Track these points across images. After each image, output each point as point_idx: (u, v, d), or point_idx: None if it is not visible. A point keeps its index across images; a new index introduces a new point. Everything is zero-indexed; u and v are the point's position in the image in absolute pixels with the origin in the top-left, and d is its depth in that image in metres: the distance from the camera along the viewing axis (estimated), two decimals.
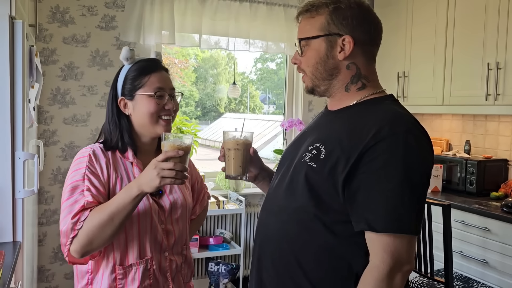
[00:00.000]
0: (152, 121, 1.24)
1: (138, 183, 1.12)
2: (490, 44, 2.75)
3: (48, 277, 3.08)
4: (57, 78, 3.02)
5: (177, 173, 1.09)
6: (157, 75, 1.26)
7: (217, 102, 6.96)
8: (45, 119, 3.02)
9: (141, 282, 1.21)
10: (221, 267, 3.17)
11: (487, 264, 2.45)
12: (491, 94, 2.72)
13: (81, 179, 1.18)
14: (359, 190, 0.97)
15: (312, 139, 1.09)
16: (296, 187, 1.05)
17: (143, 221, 1.22)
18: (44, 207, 3.05)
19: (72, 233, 1.12)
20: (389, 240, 0.94)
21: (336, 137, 1.03)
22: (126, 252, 1.21)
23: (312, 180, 1.02)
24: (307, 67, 1.10)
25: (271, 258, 1.09)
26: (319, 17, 1.07)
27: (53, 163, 3.05)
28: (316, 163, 1.02)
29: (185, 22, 3.22)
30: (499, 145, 3.07)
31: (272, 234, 1.09)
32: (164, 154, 1.11)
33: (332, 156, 1.00)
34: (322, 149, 1.03)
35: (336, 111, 1.12)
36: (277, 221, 1.09)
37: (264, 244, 1.12)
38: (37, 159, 1.84)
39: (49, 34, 2.98)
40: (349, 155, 0.98)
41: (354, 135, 1.00)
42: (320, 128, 1.13)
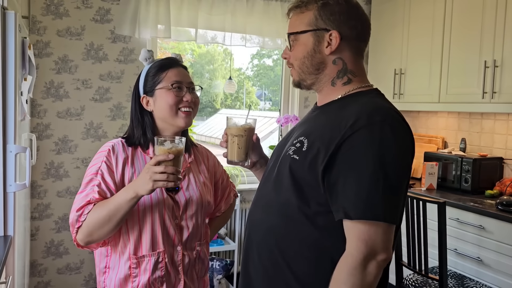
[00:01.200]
0: (172, 113, 1.30)
1: (134, 186, 1.18)
2: (487, 42, 2.74)
3: (40, 271, 3.05)
4: (50, 71, 2.99)
5: (169, 176, 1.14)
6: (174, 70, 1.33)
7: (213, 98, 6.93)
8: (38, 113, 2.98)
9: (151, 273, 1.27)
10: (215, 263, 3.16)
11: (482, 262, 2.45)
12: (488, 92, 2.72)
13: (95, 172, 1.27)
14: (337, 179, 0.99)
15: (298, 133, 1.12)
16: (282, 180, 1.07)
17: (155, 215, 1.27)
18: (37, 201, 3.02)
19: (77, 224, 1.22)
20: (364, 228, 0.95)
21: (319, 130, 1.06)
22: (140, 243, 1.27)
23: (294, 172, 1.04)
24: (295, 61, 1.12)
25: (257, 250, 1.11)
26: (308, 12, 1.09)
27: (46, 157, 3.02)
28: (298, 155, 1.05)
29: (181, 16, 3.19)
30: (494, 143, 3.07)
31: (259, 227, 1.12)
32: (154, 158, 1.16)
33: (313, 148, 1.03)
34: (305, 142, 1.06)
35: (322, 106, 1.14)
36: (263, 214, 1.12)
37: (252, 237, 1.14)
38: (29, 152, 1.81)
39: (43, 27, 2.94)
40: (328, 146, 1.00)
41: (334, 127, 1.02)
42: (307, 123, 1.16)
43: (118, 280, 1.29)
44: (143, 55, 1.35)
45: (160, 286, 1.29)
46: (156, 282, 1.29)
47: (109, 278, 1.31)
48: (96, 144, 3.11)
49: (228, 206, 1.58)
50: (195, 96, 1.35)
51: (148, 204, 1.27)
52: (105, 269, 1.32)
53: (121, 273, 1.28)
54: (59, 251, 3.09)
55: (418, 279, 2.36)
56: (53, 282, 3.09)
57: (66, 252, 3.11)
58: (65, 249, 3.11)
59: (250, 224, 1.17)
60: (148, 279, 1.27)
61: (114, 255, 1.31)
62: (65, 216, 3.08)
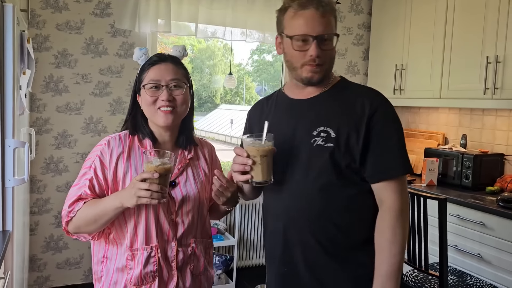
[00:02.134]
0: (151, 112, 1.30)
1: (121, 196, 1.20)
2: (489, 38, 2.72)
3: (40, 266, 3.05)
4: (50, 65, 2.97)
5: (153, 194, 1.15)
6: (155, 68, 1.31)
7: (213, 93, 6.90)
8: (37, 107, 2.97)
9: (143, 267, 1.28)
10: (214, 258, 3.16)
11: (482, 258, 2.44)
12: (489, 88, 2.70)
13: (89, 166, 1.29)
14: (375, 150, 1.21)
15: (305, 127, 1.25)
16: (321, 167, 1.22)
17: (150, 210, 1.28)
18: (36, 196, 3.01)
19: (66, 218, 1.28)
20: (398, 183, 1.22)
21: (336, 117, 1.23)
22: (136, 237, 1.29)
23: (333, 157, 1.21)
24: (328, 59, 1.24)
25: (312, 234, 1.24)
26: (332, 17, 1.23)
27: (46, 151, 3.01)
28: (331, 142, 1.21)
29: (181, 10, 3.16)
30: (495, 139, 3.06)
31: (306, 214, 1.24)
32: (140, 174, 1.17)
33: (343, 133, 1.21)
34: (329, 130, 1.22)
35: (311, 99, 1.28)
36: (307, 200, 1.24)
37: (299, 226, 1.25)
38: (27, 147, 1.80)
39: (42, 20, 2.92)
40: (357, 127, 1.21)
41: (352, 111, 1.22)
42: (304, 116, 1.27)
43: (116, 270, 1.30)
44: (136, 55, 1.35)
45: (152, 280, 1.29)
46: (148, 277, 1.29)
47: (106, 267, 1.32)
48: (96, 138, 3.10)
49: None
50: (178, 93, 1.30)
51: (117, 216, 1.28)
52: (103, 259, 1.33)
53: (119, 264, 1.30)
54: (59, 246, 3.09)
55: (418, 275, 2.35)
56: (52, 277, 3.09)
57: (65, 247, 3.11)
58: (65, 244, 3.10)
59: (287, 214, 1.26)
60: (140, 273, 1.28)
61: (112, 246, 1.32)
62: None
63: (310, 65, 1.21)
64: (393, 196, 1.20)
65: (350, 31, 3.81)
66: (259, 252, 3.61)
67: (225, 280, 3.23)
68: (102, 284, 1.33)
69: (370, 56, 3.81)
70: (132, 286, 1.28)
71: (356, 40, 3.84)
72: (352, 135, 1.21)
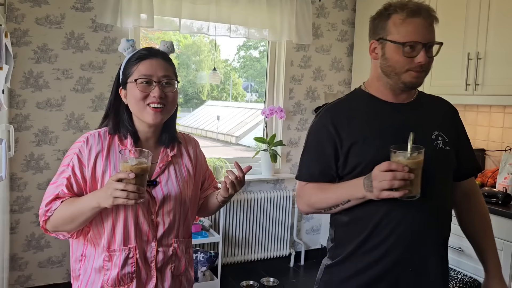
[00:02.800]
0: (139, 108, 1.25)
1: (98, 196, 1.17)
2: (471, 34, 2.75)
3: (21, 265, 3.00)
4: (29, 61, 2.91)
5: (129, 194, 1.11)
6: (146, 62, 1.26)
7: (199, 89, 6.86)
8: (17, 103, 2.91)
9: (121, 268, 1.25)
10: (199, 255, 3.15)
11: (463, 252, 2.47)
12: (471, 84, 2.73)
13: (67, 164, 1.26)
14: (465, 148, 1.40)
15: (421, 130, 1.27)
16: (446, 169, 1.31)
17: (128, 210, 1.25)
18: (17, 194, 2.96)
19: (43, 217, 1.24)
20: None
21: (437, 122, 1.33)
22: (113, 237, 1.26)
23: (453, 158, 1.32)
24: (430, 67, 1.28)
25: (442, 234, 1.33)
26: (435, 26, 1.28)
27: (26, 148, 2.96)
28: (449, 146, 1.31)
29: (165, 5, 3.13)
30: (476, 135, 3.10)
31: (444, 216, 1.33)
32: (116, 174, 1.13)
33: (451, 137, 1.32)
34: (442, 134, 1.31)
35: (410, 103, 1.34)
36: (444, 204, 1.32)
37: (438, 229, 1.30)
38: (5, 144, 1.76)
39: (21, 14, 2.86)
40: (457, 130, 1.38)
41: (446, 118, 1.37)
42: (414, 120, 1.30)
43: (93, 269, 1.28)
44: (121, 46, 1.30)
45: (130, 282, 1.26)
46: (126, 278, 1.26)
47: (84, 266, 1.30)
48: (78, 135, 3.04)
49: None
50: (169, 90, 1.27)
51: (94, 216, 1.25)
52: (82, 257, 1.30)
53: (96, 264, 1.28)
54: (40, 245, 3.04)
55: None
56: (34, 276, 3.04)
57: (47, 245, 3.06)
58: (46, 243, 3.05)
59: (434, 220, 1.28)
60: (117, 274, 1.25)
61: (90, 245, 1.29)
62: None
63: (416, 71, 1.23)
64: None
65: (335, 27, 3.81)
66: (244, 249, 3.61)
67: (210, 277, 3.22)
68: (80, 283, 1.31)
69: (354, 52, 3.82)
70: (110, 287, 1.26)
71: (340, 36, 3.84)
72: (456, 138, 1.35)
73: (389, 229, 1.22)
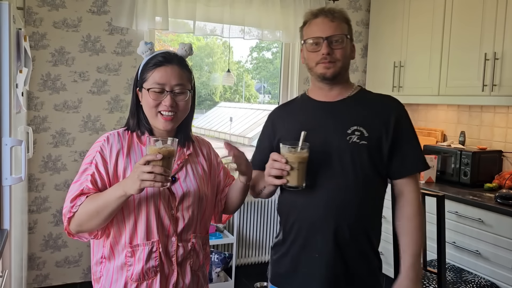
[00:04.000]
0: (151, 115, 1.29)
1: (124, 184, 1.17)
2: (487, 34, 2.72)
3: (39, 265, 3.05)
4: (47, 63, 2.96)
5: (156, 176, 1.12)
6: (161, 70, 1.28)
7: (212, 91, 6.89)
8: (35, 105, 2.96)
9: (145, 262, 1.28)
10: (213, 256, 3.16)
11: (480, 255, 2.45)
12: (488, 84, 2.70)
13: (90, 162, 1.28)
14: (403, 147, 1.40)
15: (338, 125, 1.39)
16: (357, 163, 1.36)
17: (150, 205, 1.28)
18: (35, 194, 3.01)
19: (68, 214, 1.23)
20: (417, 177, 1.45)
21: (367, 118, 1.40)
22: (135, 233, 1.28)
23: (369, 153, 1.37)
24: (339, 58, 1.39)
25: (348, 224, 1.37)
26: (342, 23, 1.40)
27: (44, 150, 3.01)
28: (365, 140, 1.37)
29: (179, 8, 3.15)
30: (494, 136, 3.06)
31: (347, 206, 1.37)
32: (143, 157, 1.15)
33: (375, 132, 1.38)
34: (362, 129, 1.37)
35: (339, 101, 1.44)
36: (347, 191, 1.37)
37: (340, 212, 1.37)
38: (24, 145, 1.80)
39: (39, 18, 2.91)
40: (386, 128, 1.39)
41: (379, 114, 1.40)
42: (335, 116, 1.41)
43: (115, 268, 1.29)
44: (140, 49, 1.32)
45: (154, 276, 1.29)
46: (150, 272, 1.29)
47: (106, 268, 1.31)
48: (94, 137, 3.09)
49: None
50: (181, 99, 1.29)
51: (144, 194, 1.27)
52: (102, 259, 1.32)
53: (118, 262, 1.29)
54: (58, 244, 3.09)
55: None
56: (51, 275, 3.09)
57: (64, 245, 3.10)
58: (64, 242, 3.10)
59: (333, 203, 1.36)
60: (142, 268, 1.27)
61: (109, 245, 1.31)
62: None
63: (323, 63, 1.37)
64: (415, 189, 1.42)
65: None
66: (258, 250, 3.61)
67: (224, 278, 3.23)
68: (100, 285, 1.32)
69: (368, 53, 3.81)
70: (134, 283, 1.28)
71: (354, 37, 3.81)
72: (382, 135, 1.38)
73: (294, 216, 1.43)
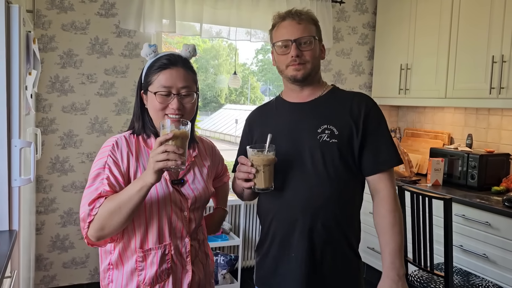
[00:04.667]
0: (158, 118, 1.29)
1: (142, 176, 1.18)
2: (495, 37, 2.71)
3: (46, 265, 3.07)
4: (55, 66, 2.99)
5: (169, 154, 1.11)
6: (167, 73, 1.28)
7: (217, 93, 6.91)
8: (43, 107, 2.99)
9: (159, 266, 1.28)
10: (219, 258, 3.17)
11: (487, 258, 2.43)
12: (495, 87, 2.69)
13: (103, 167, 1.26)
14: (374, 144, 1.39)
15: (309, 125, 1.40)
16: (327, 160, 1.36)
17: (162, 209, 1.28)
18: (42, 195, 3.03)
19: (88, 218, 1.20)
20: (392, 172, 1.41)
21: (337, 116, 1.39)
22: (146, 237, 1.28)
23: (340, 151, 1.37)
24: (309, 59, 1.40)
25: (322, 222, 1.37)
26: (310, 24, 1.42)
27: (52, 151, 3.03)
28: (335, 138, 1.37)
29: (186, 10, 3.17)
30: (501, 139, 3.04)
31: (319, 204, 1.36)
32: (156, 140, 1.15)
33: (345, 129, 1.37)
34: (332, 128, 1.37)
35: (310, 102, 1.45)
36: (319, 190, 1.36)
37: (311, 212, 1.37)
38: (33, 147, 1.81)
39: (48, 21, 2.94)
40: (357, 124, 1.38)
41: (350, 111, 1.40)
42: (307, 116, 1.42)
43: (125, 274, 1.30)
44: (144, 51, 1.32)
45: (166, 278, 1.30)
46: (163, 275, 1.30)
47: (114, 274, 1.32)
48: (101, 138, 3.11)
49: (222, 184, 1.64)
50: (187, 101, 1.30)
51: (155, 199, 1.27)
52: (109, 266, 1.33)
53: (127, 267, 1.29)
54: (65, 245, 3.11)
55: (424, 276, 2.35)
56: (58, 276, 3.10)
57: (71, 246, 3.12)
58: (71, 243, 3.12)
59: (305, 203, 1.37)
60: (155, 272, 1.28)
61: (117, 251, 1.31)
62: (71, 211, 3.10)
63: (293, 65, 1.39)
64: (389, 185, 1.39)
65: (355, 31, 3.80)
66: None
67: (230, 280, 3.24)
68: None
69: (375, 55, 3.80)
70: (146, 287, 1.28)
71: (361, 40, 3.83)
72: (352, 132, 1.38)
73: (271, 217, 1.44)
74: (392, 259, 1.35)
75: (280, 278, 1.43)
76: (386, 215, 1.38)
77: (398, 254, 1.36)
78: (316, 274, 1.38)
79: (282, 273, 1.42)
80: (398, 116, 3.94)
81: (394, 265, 1.35)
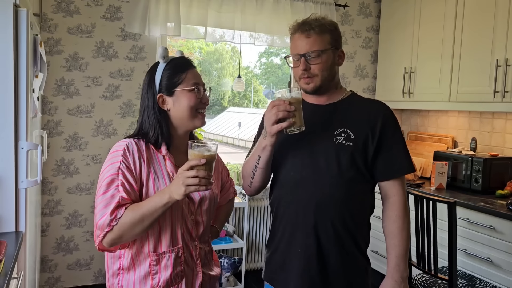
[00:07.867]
0: (191, 114, 1.32)
1: (169, 191, 1.19)
2: (499, 41, 2.71)
3: (51, 267, 3.09)
4: (61, 69, 3.01)
5: (200, 180, 1.15)
6: (193, 71, 1.35)
7: (221, 96, 6.93)
8: (49, 110, 3.01)
9: (173, 268, 1.29)
10: (223, 261, 3.17)
11: (492, 262, 2.43)
12: (499, 91, 2.69)
13: (116, 173, 1.24)
14: (390, 151, 1.43)
15: (326, 126, 1.44)
16: (341, 162, 1.39)
17: (175, 212, 1.30)
18: (48, 197, 3.05)
19: (107, 228, 1.20)
20: (403, 179, 1.46)
21: (354, 122, 1.43)
22: (160, 241, 1.29)
23: (353, 154, 1.40)
24: (318, 72, 1.42)
25: (330, 220, 1.39)
26: (319, 36, 1.42)
27: (57, 153, 3.05)
28: (351, 142, 1.41)
29: (191, 14, 3.19)
30: (505, 143, 3.04)
31: (328, 203, 1.39)
32: (187, 163, 1.17)
33: (362, 134, 1.41)
34: (349, 132, 1.42)
35: (329, 105, 1.48)
36: (330, 190, 1.39)
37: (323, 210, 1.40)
38: (40, 149, 1.83)
39: (54, 24, 2.96)
40: (373, 130, 1.42)
41: (367, 118, 1.44)
42: (324, 117, 1.46)
43: (137, 278, 1.29)
44: (160, 53, 1.34)
45: (180, 280, 1.31)
46: (177, 277, 1.31)
47: (125, 278, 1.31)
48: (106, 141, 3.13)
49: (227, 201, 1.62)
50: (207, 96, 1.40)
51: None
52: (119, 271, 1.31)
53: (140, 272, 1.29)
54: (69, 247, 3.12)
55: (428, 279, 2.34)
56: (63, 278, 3.12)
57: (76, 248, 3.14)
58: (75, 245, 3.13)
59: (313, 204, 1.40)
60: (170, 275, 1.29)
61: (128, 256, 1.29)
62: (75, 213, 3.11)
63: (303, 78, 1.43)
64: (401, 191, 1.44)
65: (359, 34, 3.81)
66: None
67: (233, 283, 3.24)
68: None
69: (378, 59, 3.81)
70: None
71: (364, 43, 3.84)
72: (368, 138, 1.41)
73: (281, 211, 1.48)
74: (398, 262, 1.40)
75: (287, 273, 1.45)
76: (396, 220, 1.42)
77: (404, 257, 1.41)
78: (321, 272, 1.40)
79: (289, 268, 1.45)
80: (402, 119, 3.95)
81: (399, 267, 1.40)
